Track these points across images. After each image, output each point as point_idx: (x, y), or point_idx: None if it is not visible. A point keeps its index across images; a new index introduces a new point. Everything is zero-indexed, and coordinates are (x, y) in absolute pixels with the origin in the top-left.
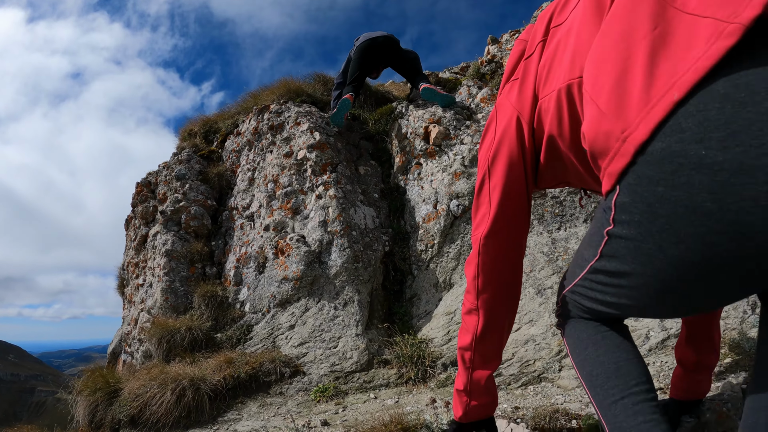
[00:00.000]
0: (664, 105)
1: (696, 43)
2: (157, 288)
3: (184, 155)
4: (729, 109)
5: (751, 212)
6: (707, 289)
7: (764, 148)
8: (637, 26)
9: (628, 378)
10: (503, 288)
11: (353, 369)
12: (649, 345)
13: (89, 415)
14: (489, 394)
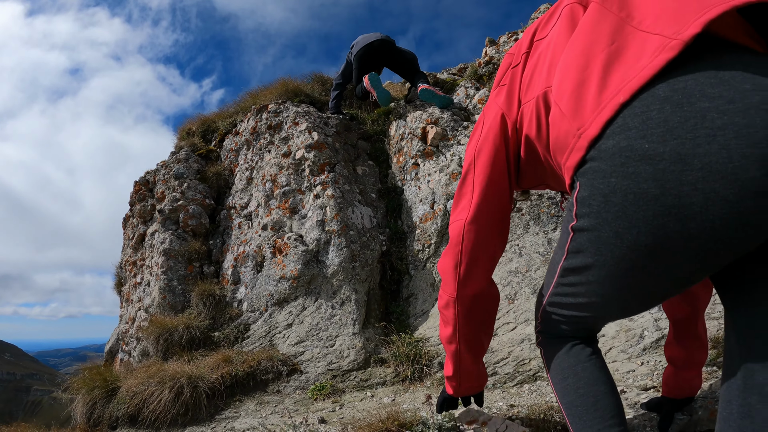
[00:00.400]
0: (612, 106)
1: (644, 55)
2: (154, 286)
3: (183, 154)
4: (668, 109)
5: (690, 195)
6: (663, 271)
7: (698, 140)
8: (598, 40)
9: (605, 412)
10: (484, 276)
11: (350, 367)
12: (644, 344)
13: (87, 413)
14: (478, 377)
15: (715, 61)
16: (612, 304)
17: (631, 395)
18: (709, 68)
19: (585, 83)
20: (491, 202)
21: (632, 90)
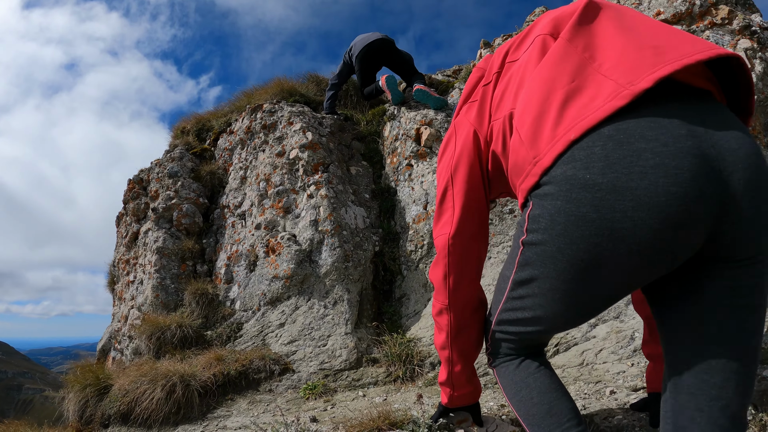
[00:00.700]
0: (564, 141)
1: (598, 97)
2: (147, 285)
3: (177, 153)
4: (610, 146)
5: (621, 221)
6: (597, 284)
7: (632, 176)
8: (560, 77)
9: (561, 416)
10: (473, 284)
11: (342, 367)
12: (634, 346)
13: (79, 411)
14: (471, 384)
15: (659, 108)
16: (556, 315)
17: (621, 396)
18: (652, 114)
19: (544, 116)
20: (472, 214)
21: (583, 129)
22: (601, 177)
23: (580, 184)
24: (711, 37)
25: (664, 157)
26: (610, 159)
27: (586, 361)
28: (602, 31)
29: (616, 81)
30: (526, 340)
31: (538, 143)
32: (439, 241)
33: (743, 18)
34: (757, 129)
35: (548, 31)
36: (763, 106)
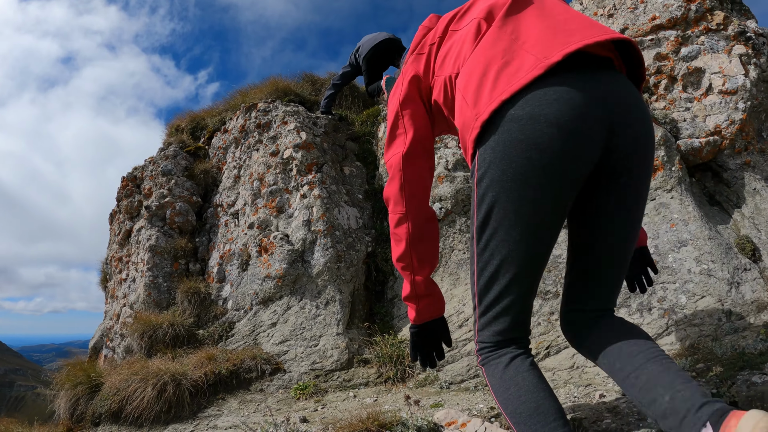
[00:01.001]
0: (498, 101)
1: (522, 68)
2: (140, 283)
3: (171, 151)
4: (529, 97)
5: (540, 137)
6: (539, 196)
7: (542, 107)
8: (495, 56)
9: (548, 415)
10: (425, 197)
11: (333, 367)
12: None
13: (70, 409)
14: (433, 293)
15: (567, 73)
16: (518, 247)
17: (610, 399)
18: (561, 77)
19: (482, 85)
20: (421, 139)
21: (512, 92)
22: (522, 111)
23: (509, 118)
24: (706, 42)
25: (564, 93)
26: (528, 101)
27: (577, 364)
28: (526, 18)
29: (535, 56)
30: (508, 311)
31: (479, 105)
32: (393, 160)
33: (738, 24)
34: (750, 135)
35: (483, 16)
36: (757, 112)
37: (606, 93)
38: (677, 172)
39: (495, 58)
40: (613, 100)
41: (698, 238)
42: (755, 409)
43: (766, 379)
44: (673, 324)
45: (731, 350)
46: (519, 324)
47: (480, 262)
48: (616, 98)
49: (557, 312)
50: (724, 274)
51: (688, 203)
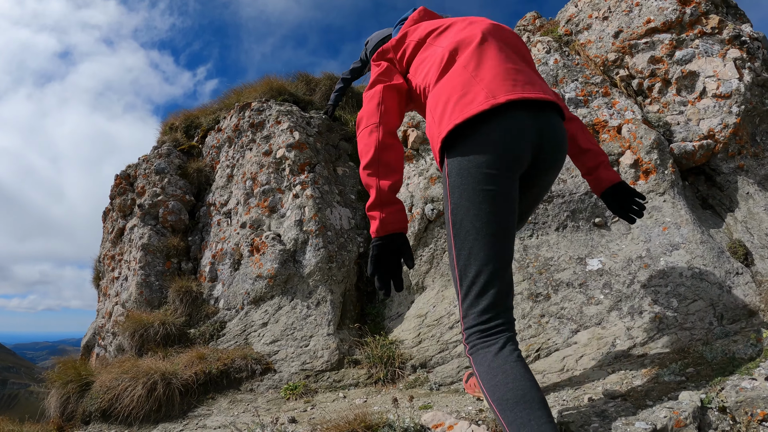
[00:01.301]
0: (453, 124)
1: (476, 102)
2: (132, 281)
3: (164, 149)
4: (477, 125)
5: (486, 152)
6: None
7: (489, 133)
8: (456, 86)
9: (533, 403)
10: (398, 117)
11: (324, 368)
12: (615, 352)
13: (61, 407)
14: (398, 203)
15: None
16: (483, 229)
17: (599, 403)
18: (503, 112)
19: (445, 110)
20: (401, 86)
21: (464, 118)
22: (472, 131)
23: (462, 137)
24: (701, 45)
25: (502, 123)
26: (476, 128)
27: (567, 367)
28: (486, 60)
29: (486, 94)
30: (488, 286)
31: (441, 125)
32: (377, 87)
33: (733, 28)
34: (744, 139)
35: (450, 49)
36: (751, 116)
37: (534, 125)
38: (670, 175)
39: (456, 89)
40: (540, 130)
41: (690, 242)
42: None
43: (755, 384)
44: (664, 327)
45: (722, 355)
46: (500, 304)
47: (459, 250)
48: (542, 129)
49: (548, 314)
50: (716, 278)
51: (680, 207)
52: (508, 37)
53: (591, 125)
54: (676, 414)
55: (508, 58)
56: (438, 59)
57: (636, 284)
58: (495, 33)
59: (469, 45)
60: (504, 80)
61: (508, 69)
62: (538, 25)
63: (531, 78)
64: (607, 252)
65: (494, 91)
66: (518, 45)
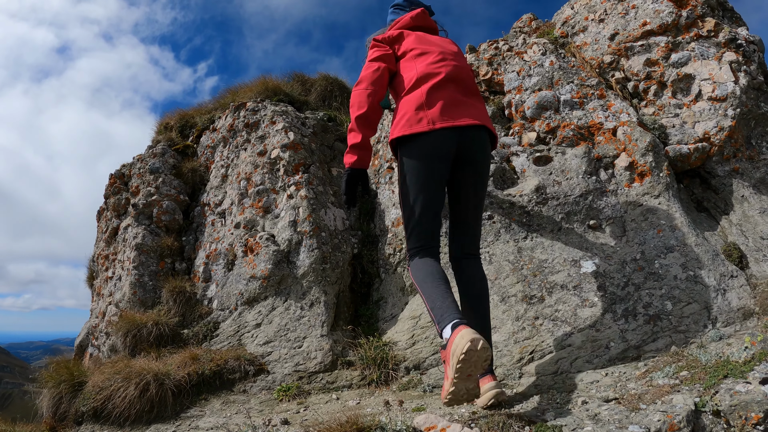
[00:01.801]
0: (401, 134)
1: (422, 123)
2: (125, 281)
3: (159, 149)
4: (418, 135)
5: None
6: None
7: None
8: (411, 106)
9: (452, 301)
10: (383, 93)
11: (317, 369)
12: (609, 355)
13: (53, 407)
14: (369, 148)
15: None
16: (420, 195)
17: (592, 406)
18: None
19: (401, 120)
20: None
21: (410, 132)
22: (415, 138)
23: (408, 141)
24: (697, 48)
25: (433, 136)
26: (418, 137)
27: (561, 369)
28: (440, 92)
29: (431, 118)
30: (420, 225)
31: (396, 129)
32: (382, 63)
33: (729, 31)
34: (739, 142)
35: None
36: (746, 119)
37: (456, 138)
38: (665, 177)
39: (411, 109)
40: (460, 142)
41: (685, 245)
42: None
43: (750, 388)
44: (658, 330)
45: (716, 358)
46: (430, 235)
47: (403, 205)
48: (462, 142)
49: (542, 317)
50: (710, 281)
51: (675, 209)
52: (464, 77)
53: (586, 127)
54: (669, 417)
55: (455, 94)
56: (411, 78)
57: (630, 286)
58: (454, 75)
59: (432, 79)
60: (443, 113)
61: (451, 103)
62: (534, 26)
63: (467, 108)
64: (601, 254)
65: (434, 120)
66: (468, 81)
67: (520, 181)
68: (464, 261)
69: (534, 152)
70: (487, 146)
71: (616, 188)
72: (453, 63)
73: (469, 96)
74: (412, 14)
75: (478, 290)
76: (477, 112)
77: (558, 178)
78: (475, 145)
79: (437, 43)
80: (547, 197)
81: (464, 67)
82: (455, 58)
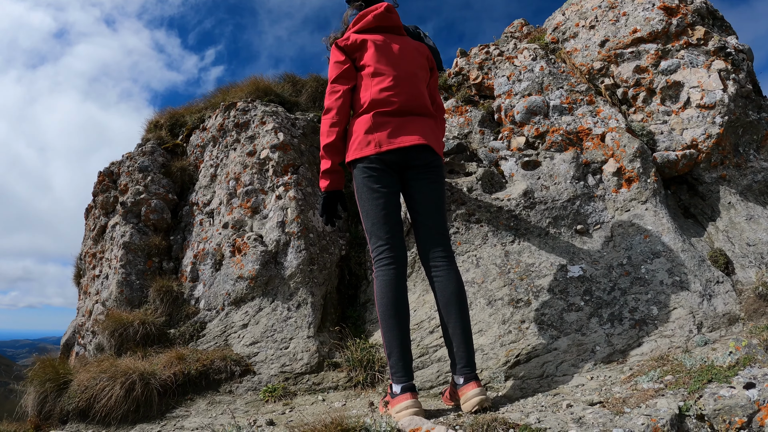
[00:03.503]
0: (354, 157)
1: (370, 147)
2: (112, 280)
3: (148, 147)
4: (367, 156)
5: (371, 171)
6: (376, 190)
7: (371, 162)
8: (362, 129)
9: (407, 357)
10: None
11: (303, 370)
12: (595, 359)
13: (38, 406)
14: (339, 171)
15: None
16: (372, 211)
17: (577, 410)
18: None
19: (353, 143)
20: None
21: (361, 156)
22: (363, 161)
23: (359, 162)
24: (686, 56)
25: (382, 157)
26: (367, 158)
27: (546, 373)
28: (388, 123)
29: (377, 141)
30: (380, 234)
31: (349, 151)
32: (344, 87)
33: (719, 39)
34: (727, 149)
35: (371, 99)
36: (734, 127)
37: (402, 157)
38: (652, 184)
39: (361, 131)
40: (404, 159)
41: (671, 250)
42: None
43: (734, 393)
44: (644, 335)
45: (701, 362)
46: (390, 246)
47: (363, 219)
48: (405, 159)
49: (528, 320)
50: (696, 287)
51: (662, 215)
52: (413, 101)
53: (575, 132)
54: (654, 421)
55: (401, 118)
56: (365, 100)
57: (616, 291)
58: (402, 101)
59: (382, 107)
60: (389, 135)
61: (397, 127)
62: (525, 32)
63: (413, 129)
64: (588, 259)
65: (381, 143)
66: (418, 101)
67: (508, 185)
68: (433, 266)
69: (523, 157)
70: (433, 160)
71: (603, 194)
72: (404, 89)
73: (417, 115)
74: (375, 13)
75: (449, 297)
76: (422, 132)
77: (546, 183)
78: (419, 161)
79: (396, 56)
80: (535, 201)
81: (415, 90)
82: (408, 79)
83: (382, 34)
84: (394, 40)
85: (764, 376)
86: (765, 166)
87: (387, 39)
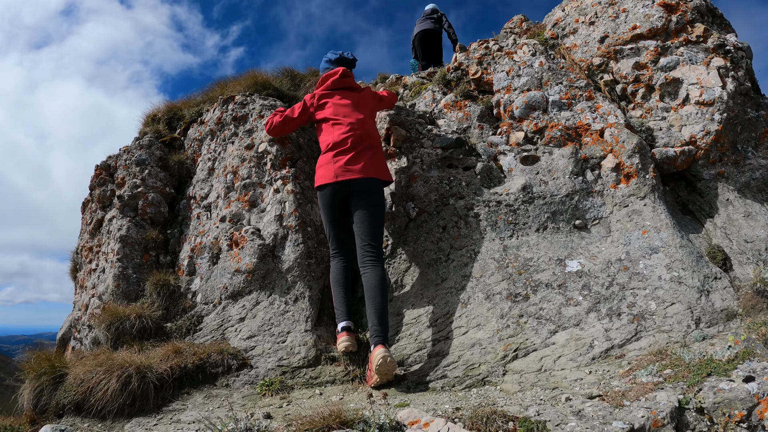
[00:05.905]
0: (318, 184)
1: (328, 176)
2: (109, 274)
3: (146, 140)
4: (327, 184)
5: (327, 197)
6: (331, 211)
7: (328, 189)
8: (325, 163)
9: (345, 306)
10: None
11: (300, 364)
12: (593, 353)
13: (34, 400)
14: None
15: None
16: (330, 224)
17: (576, 403)
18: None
19: (318, 171)
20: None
21: (323, 183)
22: (323, 188)
23: (321, 189)
24: (685, 53)
25: (334, 186)
26: (327, 186)
27: (545, 367)
28: (343, 158)
29: (335, 173)
30: (334, 238)
31: (315, 178)
32: (291, 117)
33: (718, 37)
34: (725, 146)
35: (332, 142)
36: (733, 124)
37: (349, 186)
38: (651, 180)
39: (324, 164)
40: (349, 188)
41: (669, 246)
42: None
43: (733, 386)
44: (642, 330)
45: (699, 357)
46: (340, 246)
47: (324, 227)
48: (350, 188)
49: (527, 315)
50: (694, 282)
51: (660, 211)
52: (364, 140)
53: (574, 128)
54: (653, 414)
55: (354, 155)
56: (328, 143)
57: (615, 286)
58: (356, 142)
59: (340, 147)
60: (343, 169)
61: (349, 162)
62: (525, 28)
63: (362, 164)
64: (586, 254)
65: (337, 174)
66: (370, 140)
67: (506, 180)
68: (362, 266)
69: (521, 152)
70: (374, 187)
71: (602, 189)
72: (358, 132)
73: (367, 153)
74: (334, 78)
75: (369, 287)
76: (369, 167)
77: (545, 178)
78: (363, 188)
79: (349, 109)
80: (533, 196)
81: (366, 131)
82: (360, 126)
83: (339, 92)
84: (347, 96)
85: (763, 369)
86: (763, 163)
87: (342, 96)
